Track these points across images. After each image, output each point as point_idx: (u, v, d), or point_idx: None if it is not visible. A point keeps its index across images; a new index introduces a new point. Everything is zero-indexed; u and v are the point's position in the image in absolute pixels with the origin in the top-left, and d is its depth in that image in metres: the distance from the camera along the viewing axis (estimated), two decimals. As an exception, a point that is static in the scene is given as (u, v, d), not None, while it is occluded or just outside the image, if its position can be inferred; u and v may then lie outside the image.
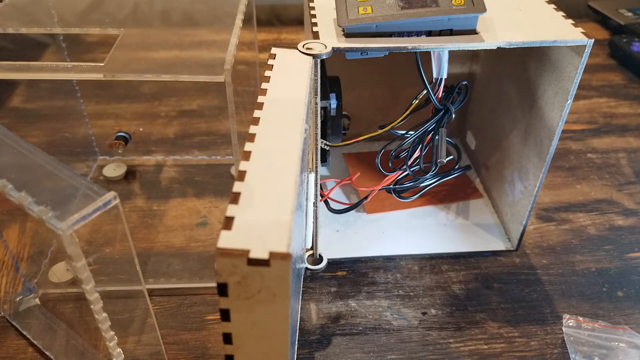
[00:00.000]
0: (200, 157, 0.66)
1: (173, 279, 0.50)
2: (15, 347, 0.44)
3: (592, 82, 0.85)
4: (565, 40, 0.41)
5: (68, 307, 0.47)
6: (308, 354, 0.44)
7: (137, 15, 0.47)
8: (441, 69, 0.47)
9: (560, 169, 0.66)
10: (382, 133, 0.50)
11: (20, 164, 0.33)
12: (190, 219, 0.57)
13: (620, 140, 0.72)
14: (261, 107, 0.33)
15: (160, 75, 0.38)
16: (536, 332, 0.46)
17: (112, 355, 0.36)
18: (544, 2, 0.47)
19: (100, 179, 0.62)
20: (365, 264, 0.52)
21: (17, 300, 0.47)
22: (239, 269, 0.24)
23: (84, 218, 0.28)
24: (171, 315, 0.47)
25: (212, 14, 0.47)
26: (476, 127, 0.64)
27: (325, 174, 0.62)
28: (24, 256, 0.51)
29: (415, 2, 0.40)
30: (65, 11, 0.46)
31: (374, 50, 0.41)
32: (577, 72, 0.42)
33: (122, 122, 0.72)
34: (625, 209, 0.60)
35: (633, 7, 1.03)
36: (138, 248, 0.53)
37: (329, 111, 0.49)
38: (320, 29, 0.43)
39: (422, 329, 0.46)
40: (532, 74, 0.50)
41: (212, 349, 0.44)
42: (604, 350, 0.44)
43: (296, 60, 0.39)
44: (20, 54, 0.41)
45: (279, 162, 0.29)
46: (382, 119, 0.51)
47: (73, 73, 0.39)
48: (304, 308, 0.48)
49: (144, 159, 0.65)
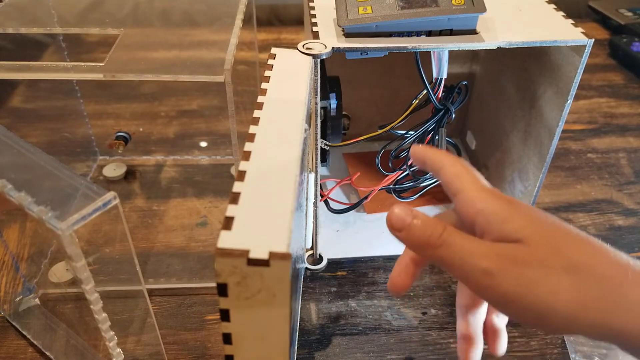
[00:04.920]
0: (200, 157, 0.66)
1: (173, 279, 0.50)
2: (15, 347, 0.44)
3: (592, 82, 0.85)
4: (565, 40, 0.41)
5: (68, 307, 0.47)
6: (308, 354, 0.44)
7: (137, 15, 0.47)
8: (441, 69, 0.47)
9: (560, 169, 0.66)
10: (382, 133, 0.50)
11: (20, 164, 0.33)
12: (190, 219, 0.57)
13: (620, 140, 0.72)
14: (261, 107, 0.33)
15: (160, 75, 0.38)
16: (536, 332, 0.46)
17: (112, 355, 0.36)
18: (544, 2, 0.47)
19: (100, 179, 0.62)
20: (365, 264, 0.52)
21: (17, 300, 0.47)
22: (239, 269, 0.24)
23: (83, 218, 0.28)
24: (171, 315, 0.47)
25: (212, 14, 0.46)
26: (476, 127, 0.64)
27: (325, 174, 0.62)
28: (24, 256, 0.51)
29: (415, 2, 0.40)
30: (65, 11, 0.46)
31: (374, 50, 0.41)
32: (577, 72, 0.42)
33: (122, 122, 0.72)
34: (625, 209, 0.60)
35: (633, 7, 1.03)
36: (138, 248, 0.53)
37: (329, 111, 0.49)
38: (320, 29, 0.43)
39: (422, 329, 0.46)
40: (532, 74, 0.50)
41: (212, 349, 0.44)
42: (604, 350, 0.44)
43: (296, 60, 0.39)
44: (20, 54, 0.41)
45: (279, 162, 0.29)
46: (382, 119, 0.51)
47: (73, 73, 0.39)
48: (304, 308, 0.48)
49: (144, 159, 0.65)
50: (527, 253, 0.26)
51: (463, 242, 0.28)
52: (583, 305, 0.25)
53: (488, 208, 0.29)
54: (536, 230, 0.27)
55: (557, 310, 0.25)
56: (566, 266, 0.26)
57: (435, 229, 0.28)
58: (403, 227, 0.30)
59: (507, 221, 0.28)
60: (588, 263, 0.26)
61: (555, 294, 0.25)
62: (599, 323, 0.25)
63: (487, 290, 0.27)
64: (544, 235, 0.27)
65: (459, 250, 0.28)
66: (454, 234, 0.28)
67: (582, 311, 0.25)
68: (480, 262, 0.27)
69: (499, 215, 0.28)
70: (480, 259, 0.27)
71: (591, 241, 0.27)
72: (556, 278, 0.25)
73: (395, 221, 0.30)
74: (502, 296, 0.26)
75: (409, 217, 0.30)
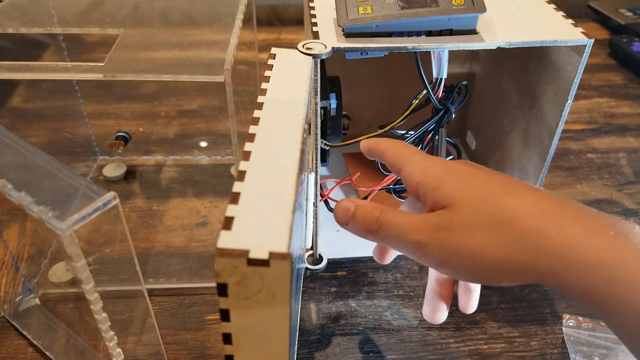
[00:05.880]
0: (200, 157, 0.66)
1: (173, 279, 0.50)
2: (15, 347, 0.44)
3: (592, 82, 0.85)
4: (565, 40, 0.41)
5: (68, 307, 0.47)
6: (308, 354, 0.44)
7: (137, 15, 0.47)
8: (441, 69, 0.47)
9: (560, 169, 0.66)
10: (382, 133, 0.50)
11: (20, 164, 0.33)
12: (190, 219, 0.57)
13: (620, 140, 0.72)
14: (261, 107, 0.33)
15: (160, 75, 0.38)
16: (536, 332, 0.46)
17: (112, 355, 0.36)
18: (544, 2, 0.47)
19: (100, 179, 0.62)
20: (365, 264, 0.52)
21: (17, 300, 0.47)
22: (239, 269, 0.24)
23: (83, 218, 0.28)
24: (171, 315, 0.47)
25: (212, 14, 0.46)
26: (476, 127, 0.64)
27: (325, 174, 0.62)
28: (24, 256, 0.51)
29: (415, 2, 0.40)
30: (65, 11, 0.46)
31: (374, 50, 0.41)
32: (577, 72, 0.42)
33: (122, 122, 0.72)
34: (625, 209, 0.60)
35: (633, 7, 1.03)
36: (138, 248, 0.53)
37: (329, 111, 0.49)
38: (320, 29, 0.43)
39: (422, 329, 0.46)
40: (532, 74, 0.50)
41: (212, 349, 0.44)
42: (604, 350, 0.44)
43: (296, 60, 0.39)
44: (20, 54, 0.41)
45: (279, 162, 0.29)
46: (382, 119, 0.51)
47: (73, 73, 0.39)
48: (304, 308, 0.48)
49: (144, 159, 0.65)
50: (452, 217, 0.28)
51: (397, 220, 0.29)
52: (507, 258, 0.26)
53: (425, 179, 0.30)
54: (463, 194, 0.28)
55: (484, 265, 0.27)
56: (488, 224, 0.27)
57: (372, 214, 0.30)
58: (348, 219, 0.31)
59: (438, 189, 0.29)
60: (511, 218, 0.27)
61: (479, 251, 0.27)
62: (527, 270, 0.26)
63: (423, 259, 0.29)
64: (470, 197, 0.28)
65: (394, 228, 0.29)
66: (389, 214, 0.30)
67: (507, 264, 0.26)
68: (412, 236, 0.28)
69: (432, 184, 0.29)
70: (411, 233, 0.28)
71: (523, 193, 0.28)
72: (479, 236, 0.27)
73: (340, 215, 0.32)
74: (435, 262, 0.28)
75: (352, 208, 0.31)
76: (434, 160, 0.31)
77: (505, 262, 0.26)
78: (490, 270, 0.27)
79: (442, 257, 0.28)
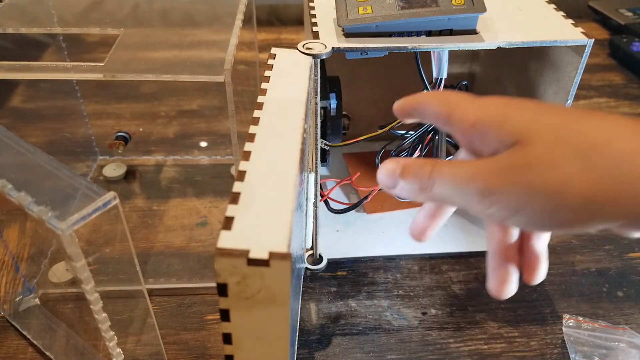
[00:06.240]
0: (200, 157, 0.66)
1: (173, 279, 0.50)
2: (15, 347, 0.44)
3: (592, 82, 0.85)
4: (565, 40, 0.41)
5: (68, 307, 0.47)
6: (308, 354, 0.44)
7: (137, 15, 0.47)
8: (441, 69, 0.47)
9: (560, 169, 0.66)
10: (382, 133, 0.50)
11: (20, 164, 0.33)
12: (190, 219, 0.57)
13: (620, 140, 0.72)
14: (261, 107, 0.33)
15: (160, 75, 0.38)
16: (536, 332, 0.46)
17: (112, 355, 0.36)
18: (544, 2, 0.47)
19: (100, 179, 0.62)
20: (365, 264, 0.52)
21: (17, 300, 0.47)
22: (239, 269, 0.24)
23: (83, 218, 0.28)
24: (171, 315, 0.47)
25: (212, 14, 0.47)
26: (476, 127, 0.64)
27: (325, 174, 0.62)
28: (24, 256, 0.51)
29: (415, 2, 0.40)
30: (65, 11, 0.46)
31: (374, 50, 0.41)
32: (577, 72, 0.42)
33: (122, 122, 0.72)
34: (625, 209, 0.60)
35: (633, 7, 1.03)
36: (138, 248, 0.53)
37: (329, 111, 0.49)
38: (320, 29, 0.43)
39: (422, 329, 0.46)
40: (532, 74, 0.50)
41: (212, 349, 0.44)
42: (604, 350, 0.44)
43: (296, 60, 0.39)
44: (20, 54, 0.41)
45: (279, 162, 0.29)
46: (382, 119, 0.51)
47: (73, 73, 0.39)
48: (304, 308, 0.48)
49: (144, 159, 0.65)
50: (525, 153, 0.24)
51: (453, 171, 0.25)
52: (600, 191, 0.22)
53: (482, 118, 0.26)
54: (535, 125, 0.24)
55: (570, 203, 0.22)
56: (574, 153, 0.23)
57: (422, 169, 0.26)
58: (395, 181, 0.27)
59: (502, 124, 0.25)
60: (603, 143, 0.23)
61: (564, 186, 0.22)
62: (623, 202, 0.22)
63: (491, 210, 0.24)
64: (545, 127, 0.24)
65: (452, 180, 0.25)
66: (443, 167, 0.26)
67: (599, 197, 0.22)
68: (476, 184, 0.24)
69: (495, 121, 0.25)
70: (475, 181, 0.24)
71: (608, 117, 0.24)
72: (563, 169, 0.23)
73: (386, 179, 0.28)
74: (508, 210, 0.24)
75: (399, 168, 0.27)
76: (489, 98, 0.27)
77: (597, 195, 0.22)
78: (576, 210, 0.22)
79: (517, 202, 0.23)
